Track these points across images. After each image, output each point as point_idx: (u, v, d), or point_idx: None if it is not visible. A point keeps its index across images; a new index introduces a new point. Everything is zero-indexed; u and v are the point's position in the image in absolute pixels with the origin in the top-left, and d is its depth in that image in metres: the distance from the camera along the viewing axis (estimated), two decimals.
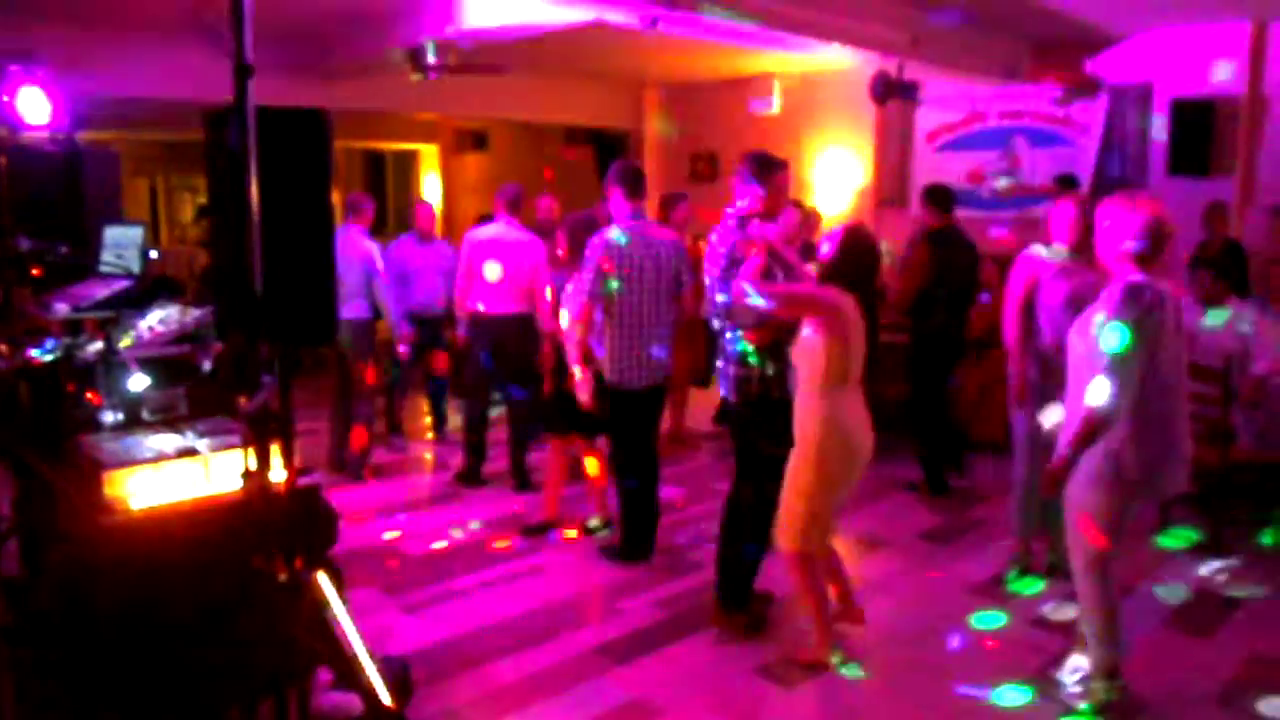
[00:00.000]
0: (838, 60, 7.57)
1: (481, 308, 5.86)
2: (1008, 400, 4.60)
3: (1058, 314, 4.20)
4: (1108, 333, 3.12)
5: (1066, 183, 7.50)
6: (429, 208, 7.17)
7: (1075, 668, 3.58)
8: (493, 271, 5.77)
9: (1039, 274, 4.36)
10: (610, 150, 11.07)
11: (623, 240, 4.50)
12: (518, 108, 9.99)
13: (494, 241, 5.85)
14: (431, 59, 6.79)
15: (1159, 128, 7.62)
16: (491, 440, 6.24)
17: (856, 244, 3.83)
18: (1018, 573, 4.60)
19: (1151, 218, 3.17)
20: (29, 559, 3.69)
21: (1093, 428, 3.14)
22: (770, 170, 3.94)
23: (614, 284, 4.48)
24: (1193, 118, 7.38)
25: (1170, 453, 3.26)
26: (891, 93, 7.24)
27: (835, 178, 9.63)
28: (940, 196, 5.96)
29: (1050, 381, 4.12)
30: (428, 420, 7.41)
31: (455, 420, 7.12)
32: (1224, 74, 7.30)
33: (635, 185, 4.58)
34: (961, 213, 8.31)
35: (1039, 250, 4.46)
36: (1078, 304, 3.77)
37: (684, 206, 6.30)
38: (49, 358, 3.46)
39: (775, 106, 9.97)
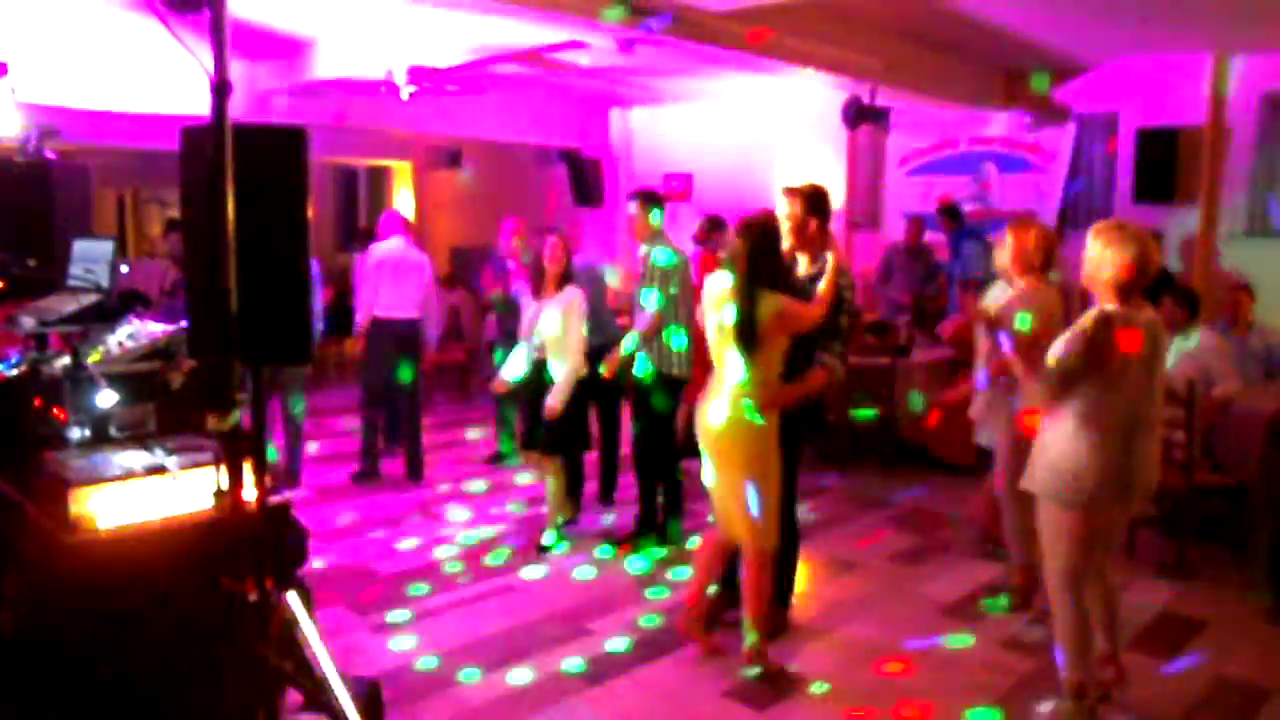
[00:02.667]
0: (811, 84, 7.67)
1: (381, 314, 6.47)
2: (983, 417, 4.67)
3: None
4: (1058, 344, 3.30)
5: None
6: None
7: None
8: (394, 282, 6.50)
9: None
10: (583, 169, 11.09)
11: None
12: (491, 127, 9.99)
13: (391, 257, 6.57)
14: (403, 81, 6.83)
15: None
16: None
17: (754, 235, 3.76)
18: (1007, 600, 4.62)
19: (1139, 250, 3.24)
20: None
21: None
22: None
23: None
24: (1157, 146, 7.54)
25: (1132, 472, 3.32)
26: (863, 118, 7.33)
27: None
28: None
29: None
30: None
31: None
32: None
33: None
34: (933, 236, 8.46)
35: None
36: None
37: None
38: (14, 372, 3.41)
39: (749, 129, 10.06)
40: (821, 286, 3.83)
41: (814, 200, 4.02)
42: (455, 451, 7.42)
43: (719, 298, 3.80)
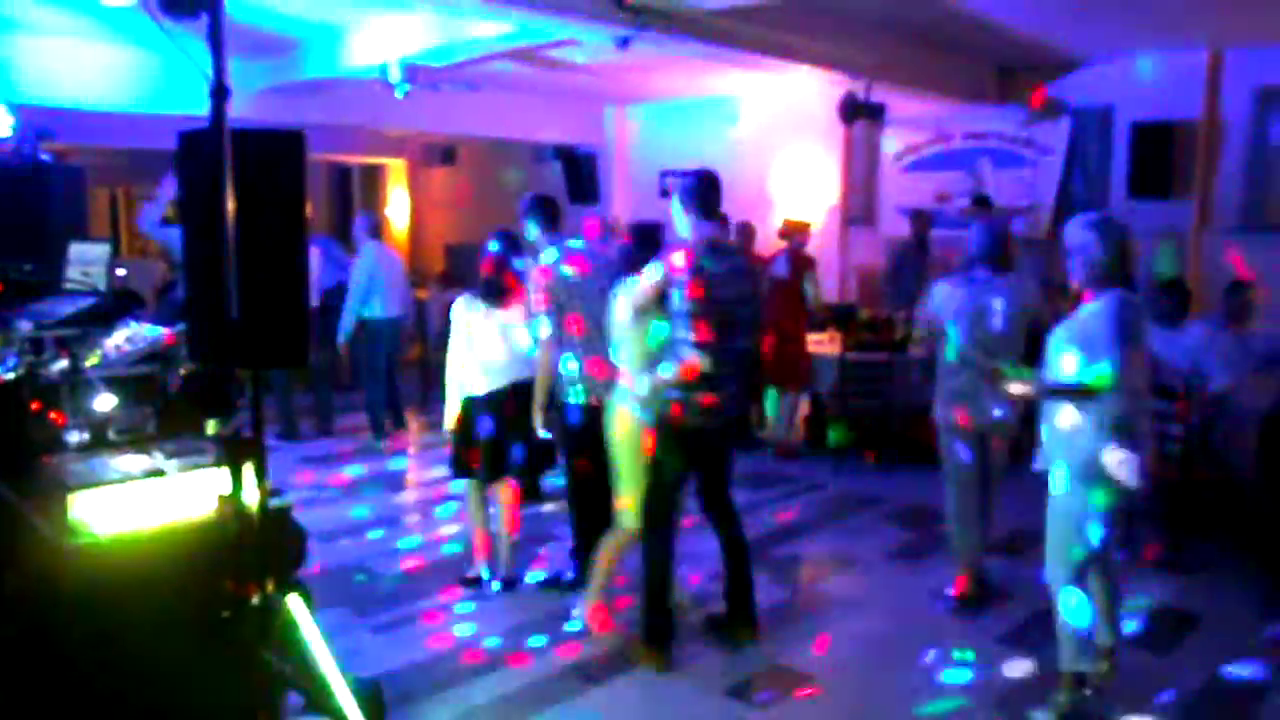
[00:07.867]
0: (806, 80, 7.67)
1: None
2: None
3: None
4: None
5: (981, 202, 7.76)
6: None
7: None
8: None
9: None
10: (578, 165, 11.09)
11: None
12: (485, 125, 9.97)
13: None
14: (397, 78, 6.80)
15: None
16: None
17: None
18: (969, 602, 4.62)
19: (1118, 238, 3.26)
20: None
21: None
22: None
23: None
24: (1152, 141, 7.54)
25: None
26: (858, 113, 7.33)
27: (803, 196, 9.72)
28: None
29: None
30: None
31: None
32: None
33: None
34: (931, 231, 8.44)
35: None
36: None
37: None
38: (11, 376, 3.40)
39: (744, 125, 10.06)
40: None
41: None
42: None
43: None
